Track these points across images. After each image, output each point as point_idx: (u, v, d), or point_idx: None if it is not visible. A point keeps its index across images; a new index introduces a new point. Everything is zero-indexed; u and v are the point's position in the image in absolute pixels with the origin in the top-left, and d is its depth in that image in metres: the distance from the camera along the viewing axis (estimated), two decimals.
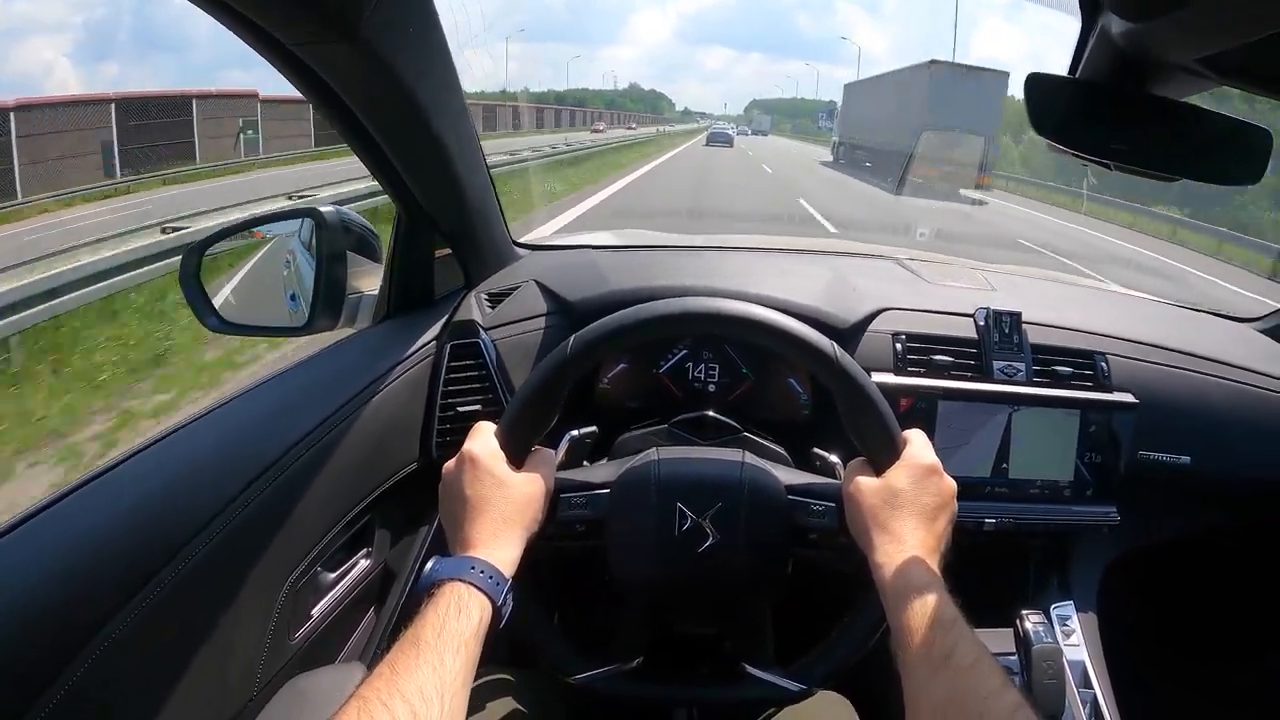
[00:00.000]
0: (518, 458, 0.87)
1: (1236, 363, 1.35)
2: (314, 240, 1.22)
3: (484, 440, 0.87)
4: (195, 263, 1.16)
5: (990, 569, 1.22)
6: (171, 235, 7.52)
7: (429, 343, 1.26)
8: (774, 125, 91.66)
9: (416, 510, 1.27)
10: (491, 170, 1.34)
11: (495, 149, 17.30)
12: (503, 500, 0.82)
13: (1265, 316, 1.57)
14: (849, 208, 15.10)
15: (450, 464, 0.87)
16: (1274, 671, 1.55)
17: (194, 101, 20.75)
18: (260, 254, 1.36)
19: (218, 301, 1.18)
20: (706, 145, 37.50)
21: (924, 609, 0.71)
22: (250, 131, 23.73)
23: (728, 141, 39.44)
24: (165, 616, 0.77)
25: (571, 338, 0.89)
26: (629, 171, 20.02)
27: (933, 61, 22.80)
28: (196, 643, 0.82)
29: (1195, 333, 1.43)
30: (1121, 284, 2.10)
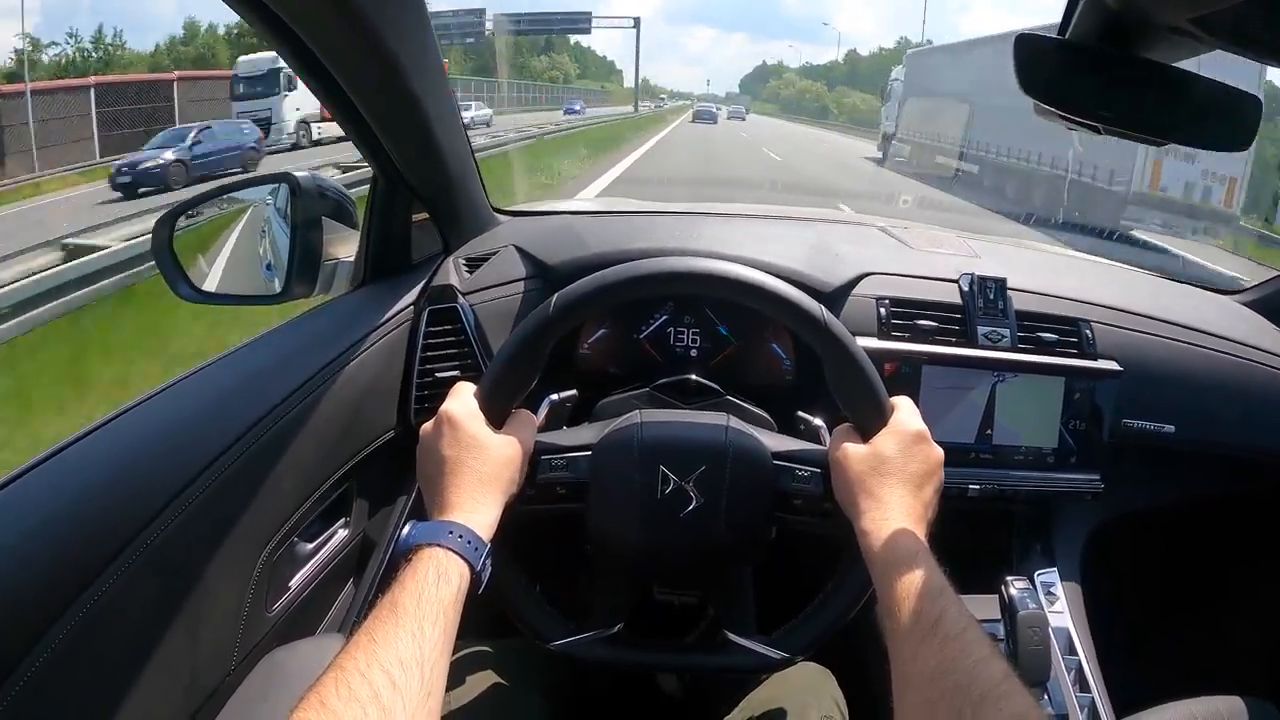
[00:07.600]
0: (497, 419, 0.85)
1: (1220, 333, 1.35)
2: (289, 207, 1.19)
3: (463, 400, 0.85)
4: (167, 233, 1.14)
5: (974, 535, 1.22)
6: None
7: (406, 308, 1.24)
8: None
9: (395, 478, 1.25)
10: None
11: None
12: (481, 461, 0.81)
13: (1249, 289, 1.57)
14: None
15: (428, 425, 0.85)
16: (1255, 638, 1.58)
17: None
18: (239, 223, 1.33)
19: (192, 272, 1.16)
20: (693, 122, 42.61)
21: (911, 577, 0.70)
22: None
23: (712, 119, 45.70)
24: (139, 589, 0.76)
25: (554, 296, 0.87)
26: None
27: None
28: (171, 616, 0.81)
29: (1180, 303, 1.43)
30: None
